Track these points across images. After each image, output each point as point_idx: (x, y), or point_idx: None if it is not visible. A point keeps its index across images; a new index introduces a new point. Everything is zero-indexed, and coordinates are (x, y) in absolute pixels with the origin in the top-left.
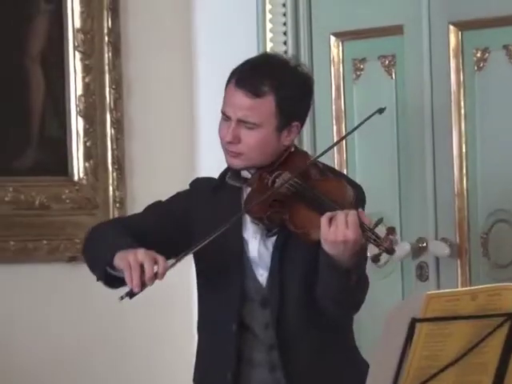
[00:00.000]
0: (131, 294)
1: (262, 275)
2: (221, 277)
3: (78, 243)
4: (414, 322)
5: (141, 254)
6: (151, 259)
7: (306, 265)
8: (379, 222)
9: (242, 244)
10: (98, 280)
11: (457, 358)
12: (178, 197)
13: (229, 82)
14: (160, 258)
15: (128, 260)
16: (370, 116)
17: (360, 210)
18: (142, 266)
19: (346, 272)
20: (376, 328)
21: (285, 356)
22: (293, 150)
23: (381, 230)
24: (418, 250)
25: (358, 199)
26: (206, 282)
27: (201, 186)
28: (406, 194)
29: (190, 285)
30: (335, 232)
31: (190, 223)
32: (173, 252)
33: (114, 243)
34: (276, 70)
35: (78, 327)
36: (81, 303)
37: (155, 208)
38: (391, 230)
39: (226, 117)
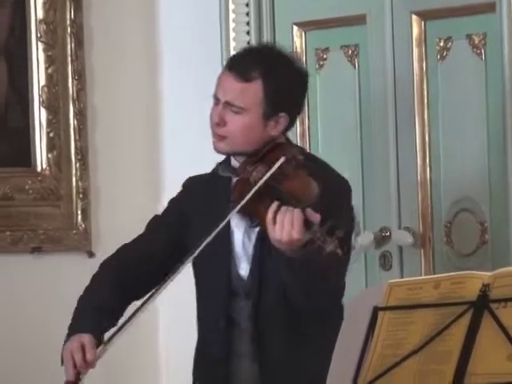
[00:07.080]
0: None
1: (243, 269)
2: (209, 271)
3: (42, 234)
4: (376, 311)
5: (71, 345)
6: (79, 349)
7: None
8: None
9: (229, 235)
10: None
11: (419, 346)
12: (171, 203)
13: (225, 66)
14: (87, 347)
15: (64, 352)
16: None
17: (308, 209)
18: (73, 358)
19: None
20: None
21: (261, 347)
22: (280, 141)
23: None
24: (381, 239)
25: (328, 195)
26: (198, 277)
27: (193, 182)
28: (369, 184)
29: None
30: (281, 232)
31: (187, 223)
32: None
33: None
34: (268, 59)
35: (40, 318)
36: (44, 294)
37: (154, 224)
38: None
39: (216, 100)
